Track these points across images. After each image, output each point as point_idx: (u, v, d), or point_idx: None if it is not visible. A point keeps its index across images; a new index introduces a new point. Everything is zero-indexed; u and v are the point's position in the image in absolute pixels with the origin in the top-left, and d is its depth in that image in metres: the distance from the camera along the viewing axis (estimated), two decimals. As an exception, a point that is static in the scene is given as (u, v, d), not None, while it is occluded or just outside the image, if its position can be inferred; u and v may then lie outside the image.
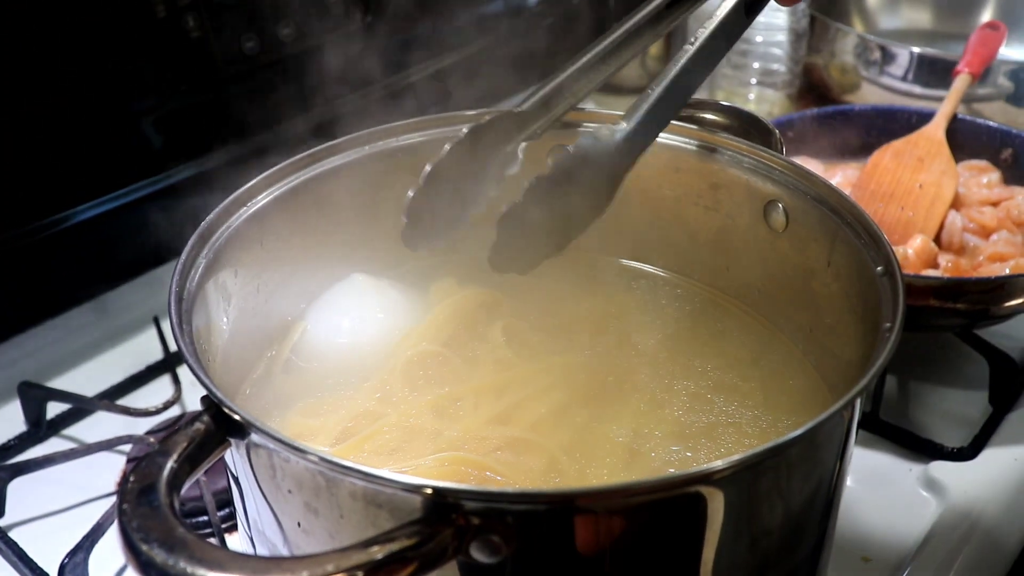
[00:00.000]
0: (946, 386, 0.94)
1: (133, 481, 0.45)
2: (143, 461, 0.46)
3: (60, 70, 0.90)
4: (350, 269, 0.73)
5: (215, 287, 0.61)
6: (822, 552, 0.58)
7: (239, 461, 0.52)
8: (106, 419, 0.91)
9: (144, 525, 0.42)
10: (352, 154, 0.70)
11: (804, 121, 1.14)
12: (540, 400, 0.66)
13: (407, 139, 0.72)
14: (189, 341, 0.53)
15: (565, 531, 0.45)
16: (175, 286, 0.56)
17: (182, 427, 0.48)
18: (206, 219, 0.61)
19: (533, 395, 0.66)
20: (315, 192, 0.69)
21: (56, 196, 0.94)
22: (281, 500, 0.50)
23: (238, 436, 0.49)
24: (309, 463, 0.46)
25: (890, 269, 0.57)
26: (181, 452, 0.47)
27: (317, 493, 0.47)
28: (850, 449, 0.55)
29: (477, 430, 0.63)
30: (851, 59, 1.37)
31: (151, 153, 1.00)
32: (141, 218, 0.99)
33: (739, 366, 0.70)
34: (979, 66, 1.19)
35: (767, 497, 0.50)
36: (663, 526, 0.48)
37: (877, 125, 1.14)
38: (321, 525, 0.48)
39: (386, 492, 0.44)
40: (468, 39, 1.20)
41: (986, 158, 1.10)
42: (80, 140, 0.94)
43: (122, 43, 0.94)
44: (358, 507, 0.46)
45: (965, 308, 0.86)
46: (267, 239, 0.66)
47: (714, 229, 0.74)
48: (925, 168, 1.05)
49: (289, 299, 0.71)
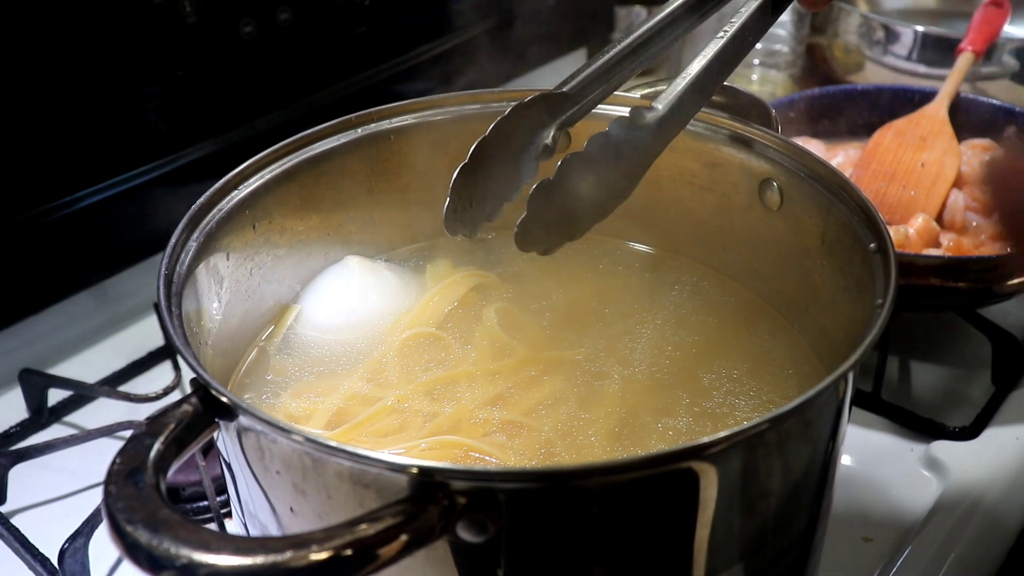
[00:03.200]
0: (948, 366, 0.93)
1: (119, 463, 0.45)
2: (130, 443, 0.46)
3: (59, 56, 0.90)
4: (344, 251, 0.73)
5: (206, 270, 0.61)
6: (817, 528, 0.58)
7: (230, 444, 0.52)
8: (107, 405, 0.92)
9: (129, 506, 0.42)
10: (344, 136, 0.70)
11: (806, 101, 1.13)
12: (535, 384, 0.66)
13: (399, 121, 0.72)
14: (178, 324, 0.53)
15: (553, 509, 0.45)
16: (164, 269, 0.56)
17: (169, 409, 0.48)
18: (196, 202, 0.61)
19: (528, 379, 0.66)
20: (307, 175, 0.69)
21: (55, 183, 0.94)
22: (271, 482, 0.50)
23: (227, 418, 0.49)
24: (295, 444, 0.45)
25: (883, 246, 0.56)
26: (168, 434, 0.47)
27: (304, 474, 0.47)
28: (843, 426, 0.55)
29: (472, 413, 0.63)
30: (854, 39, 1.36)
31: (150, 139, 1.00)
32: (141, 204, 0.99)
33: (734, 346, 0.69)
34: (983, 44, 1.18)
35: (760, 472, 0.49)
36: (655, 503, 0.47)
37: (879, 105, 1.14)
38: (310, 506, 0.48)
39: (372, 472, 0.44)
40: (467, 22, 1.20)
41: (989, 136, 1.09)
42: (79, 126, 0.94)
43: (119, 29, 0.93)
44: (345, 487, 0.45)
45: (967, 287, 0.86)
46: (259, 222, 0.66)
47: (709, 208, 0.73)
48: (927, 147, 1.05)
49: (283, 282, 0.71)
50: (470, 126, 0.73)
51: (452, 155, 0.72)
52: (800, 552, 0.57)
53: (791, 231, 0.68)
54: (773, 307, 0.72)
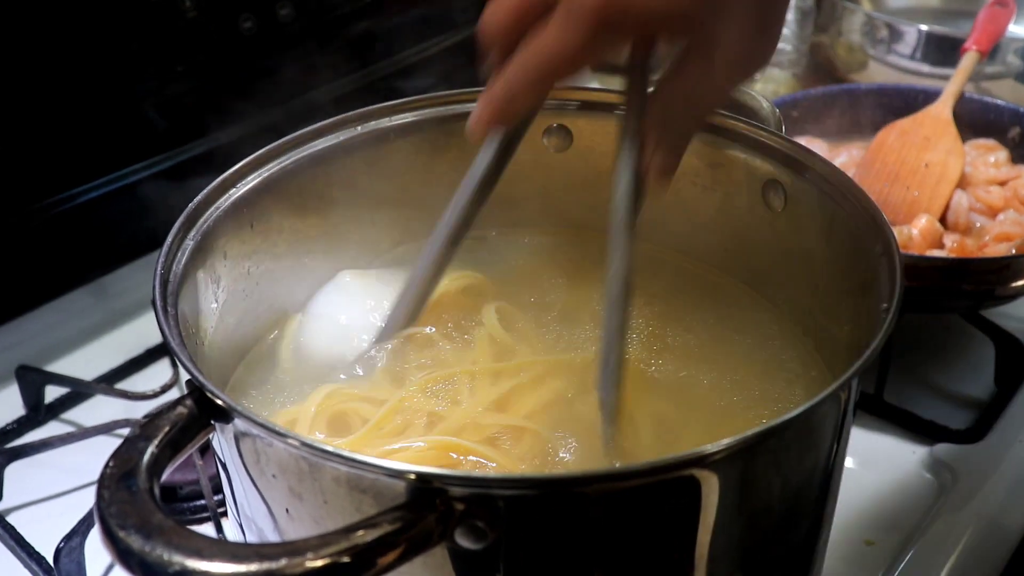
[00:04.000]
0: (951, 368, 0.93)
1: (113, 466, 0.44)
2: (123, 446, 0.46)
3: (57, 52, 0.90)
4: (343, 251, 0.72)
5: (203, 270, 0.60)
6: (820, 534, 0.58)
7: (226, 447, 0.52)
8: (105, 403, 0.91)
9: (122, 511, 0.41)
10: (343, 134, 0.69)
11: (809, 100, 1.12)
12: (536, 387, 0.64)
13: (400, 119, 0.71)
14: (174, 324, 0.53)
15: (553, 516, 0.44)
16: (160, 268, 0.55)
17: (164, 411, 0.47)
18: (193, 201, 0.61)
19: (528, 382, 0.65)
20: (306, 173, 0.68)
21: (54, 178, 0.93)
22: (267, 486, 0.49)
23: (222, 421, 0.49)
24: (291, 448, 0.45)
25: (888, 249, 0.56)
26: (163, 437, 0.46)
27: (300, 478, 0.46)
28: (847, 431, 0.54)
29: (474, 417, 0.62)
30: (858, 37, 1.35)
31: (149, 135, 1.00)
32: (140, 200, 0.99)
33: (738, 349, 0.68)
34: (987, 43, 1.17)
35: (762, 480, 0.49)
36: (656, 511, 0.47)
37: (883, 104, 1.13)
38: (306, 511, 0.47)
39: (369, 477, 0.43)
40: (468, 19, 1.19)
41: (994, 137, 1.08)
42: (78, 121, 0.94)
43: (118, 24, 0.93)
44: (341, 492, 0.45)
45: (971, 288, 0.85)
46: (256, 221, 0.65)
47: (712, 209, 0.72)
48: (931, 147, 1.04)
49: (281, 282, 0.70)
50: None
51: (452, 155, 0.71)
52: (802, 558, 0.57)
53: (795, 232, 0.67)
54: (777, 308, 0.71)
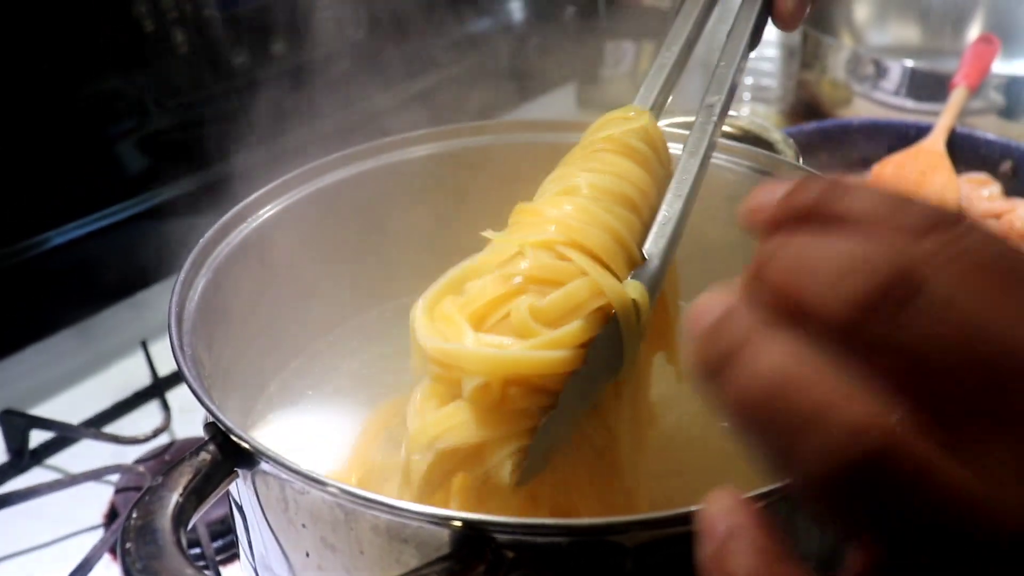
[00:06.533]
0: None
1: (136, 517, 0.41)
2: (145, 495, 0.43)
3: (43, 87, 0.87)
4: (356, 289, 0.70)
5: (215, 307, 0.58)
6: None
7: (244, 492, 0.49)
8: (92, 448, 0.87)
9: (150, 567, 0.39)
10: (355, 167, 0.68)
11: (804, 135, 1.12)
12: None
13: (413, 151, 0.69)
14: (191, 365, 0.50)
15: (610, 564, 0.42)
16: (175, 306, 0.53)
17: (186, 458, 0.45)
18: (204, 235, 0.58)
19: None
20: (318, 207, 0.66)
21: (36, 218, 0.90)
22: (293, 534, 0.47)
23: (247, 466, 0.46)
24: (328, 495, 0.42)
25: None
26: (187, 485, 0.44)
27: (335, 527, 0.44)
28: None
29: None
30: (843, 74, 1.36)
31: (135, 173, 0.97)
32: (125, 240, 0.96)
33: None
34: (976, 79, 1.19)
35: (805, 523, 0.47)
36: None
37: (876, 139, 1.14)
38: (339, 561, 0.45)
39: (412, 525, 0.41)
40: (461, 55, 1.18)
41: (985, 171, 1.09)
42: (62, 159, 0.91)
43: (108, 59, 0.91)
44: (380, 542, 0.42)
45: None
46: (268, 256, 0.63)
47: (729, 244, 0.71)
48: (927, 181, 1.04)
49: (293, 320, 0.68)
50: (476, 158, 0.71)
51: (465, 189, 0.70)
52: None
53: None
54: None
